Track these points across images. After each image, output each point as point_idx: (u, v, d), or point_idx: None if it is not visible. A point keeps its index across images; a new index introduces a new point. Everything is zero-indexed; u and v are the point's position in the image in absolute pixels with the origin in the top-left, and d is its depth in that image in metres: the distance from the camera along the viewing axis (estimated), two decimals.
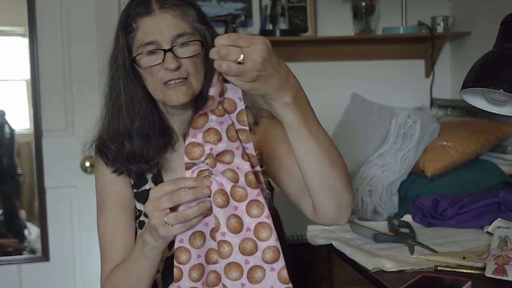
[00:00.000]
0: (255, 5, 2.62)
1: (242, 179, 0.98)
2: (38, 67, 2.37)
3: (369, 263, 1.25)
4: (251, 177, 0.98)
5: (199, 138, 0.99)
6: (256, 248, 0.96)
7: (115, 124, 1.24)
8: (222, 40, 0.87)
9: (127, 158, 1.24)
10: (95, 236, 1.29)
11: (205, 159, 0.99)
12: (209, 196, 0.97)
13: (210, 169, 0.98)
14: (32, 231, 2.46)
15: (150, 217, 0.99)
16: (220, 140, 0.98)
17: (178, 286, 1.00)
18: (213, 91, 0.95)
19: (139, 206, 1.27)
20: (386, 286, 1.15)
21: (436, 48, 2.70)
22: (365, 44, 2.72)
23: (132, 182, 1.29)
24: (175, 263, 1.00)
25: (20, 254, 2.44)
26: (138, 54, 1.19)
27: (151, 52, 1.18)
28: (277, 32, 2.50)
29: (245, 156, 1.00)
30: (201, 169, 0.99)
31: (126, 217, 1.27)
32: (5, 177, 2.42)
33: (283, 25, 2.61)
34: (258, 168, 1.02)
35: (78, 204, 2.46)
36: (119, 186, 1.27)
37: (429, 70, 2.77)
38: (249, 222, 0.97)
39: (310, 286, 2.00)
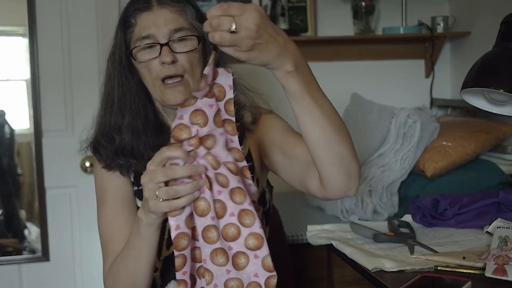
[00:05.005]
0: None
1: (222, 165, 0.96)
2: (38, 67, 2.37)
3: (369, 263, 1.25)
4: (231, 165, 0.96)
5: (186, 120, 0.96)
6: (239, 233, 0.95)
7: (106, 119, 1.26)
8: (214, 11, 0.86)
9: (116, 152, 1.24)
10: (95, 236, 1.28)
11: (189, 138, 0.96)
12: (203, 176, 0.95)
13: (196, 150, 0.96)
14: (32, 231, 2.46)
15: (144, 189, 0.96)
16: (206, 123, 0.95)
17: (183, 272, 0.98)
18: (207, 70, 0.93)
19: (140, 203, 1.27)
20: (386, 286, 1.15)
21: (436, 48, 2.70)
22: (365, 44, 2.72)
23: (132, 179, 1.29)
24: (176, 253, 0.97)
25: (20, 254, 2.43)
26: (135, 47, 1.20)
27: (149, 47, 1.19)
28: None
29: (227, 145, 0.97)
30: (187, 150, 0.97)
31: (126, 211, 1.25)
32: (5, 177, 2.42)
33: (283, 25, 2.61)
34: (244, 163, 0.99)
35: (78, 204, 2.45)
36: (118, 182, 1.27)
37: (429, 70, 2.76)
38: (233, 208, 0.95)
39: (310, 286, 1.99)
